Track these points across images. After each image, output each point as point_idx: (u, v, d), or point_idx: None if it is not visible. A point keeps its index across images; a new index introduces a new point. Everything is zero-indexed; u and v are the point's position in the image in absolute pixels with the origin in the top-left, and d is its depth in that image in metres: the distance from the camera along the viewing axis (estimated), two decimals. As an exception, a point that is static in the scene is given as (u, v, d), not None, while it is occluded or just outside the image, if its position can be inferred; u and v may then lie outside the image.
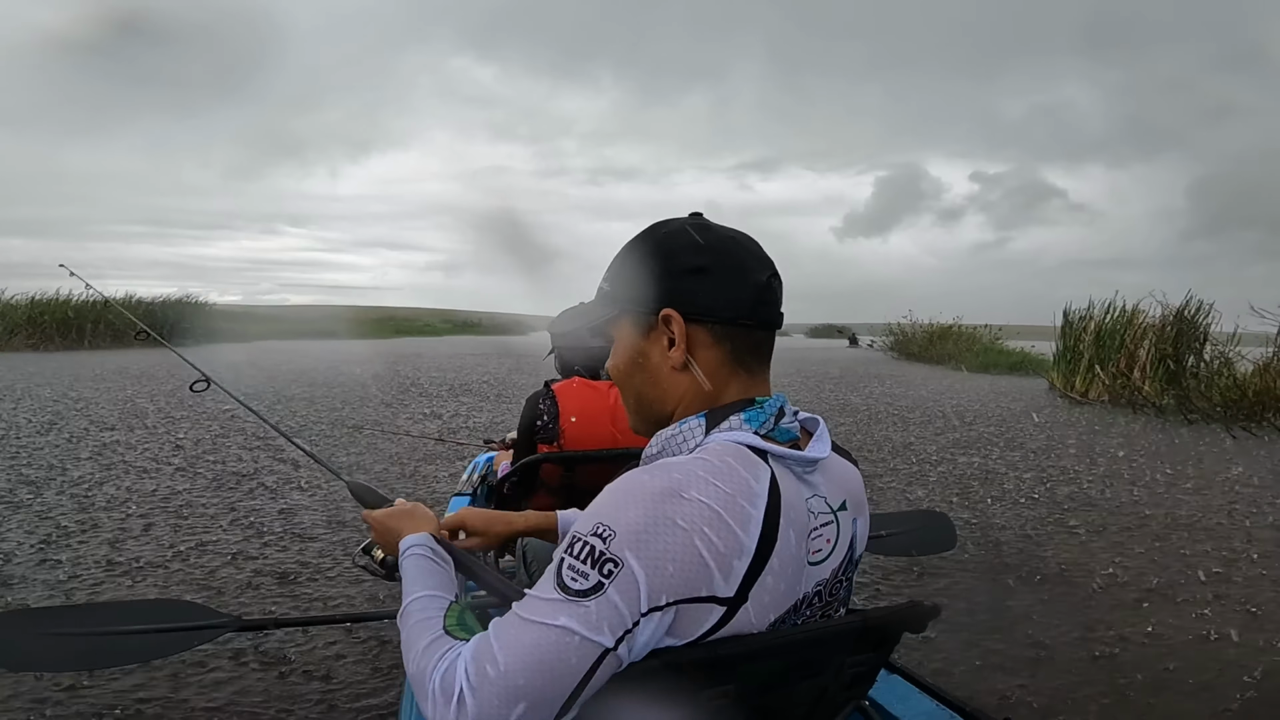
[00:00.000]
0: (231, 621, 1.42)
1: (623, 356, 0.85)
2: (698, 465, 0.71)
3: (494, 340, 29.32)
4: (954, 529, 1.69)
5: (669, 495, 0.68)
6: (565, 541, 0.70)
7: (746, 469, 0.72)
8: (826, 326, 58.10)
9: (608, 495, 0.72)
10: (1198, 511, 4.36)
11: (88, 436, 6.04)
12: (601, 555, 0.67)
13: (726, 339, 0.81)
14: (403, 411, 8.17)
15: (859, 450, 6.36)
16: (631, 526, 0.67)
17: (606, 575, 0.66)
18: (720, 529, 0.68)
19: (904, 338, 22.19)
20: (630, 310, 0.83)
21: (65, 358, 14.48)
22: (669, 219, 0.85)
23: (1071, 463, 5.88)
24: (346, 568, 3.22)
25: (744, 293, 0.81)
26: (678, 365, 0.80)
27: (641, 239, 0.84)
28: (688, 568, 0.67)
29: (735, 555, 0.69)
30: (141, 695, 2.11)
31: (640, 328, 0.82)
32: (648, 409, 0.84)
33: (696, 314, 0.80)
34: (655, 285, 0.80)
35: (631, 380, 0.85)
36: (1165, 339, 10.36)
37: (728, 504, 0.69)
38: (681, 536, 0.67)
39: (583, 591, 0.66)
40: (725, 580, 0.69)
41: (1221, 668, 2.44)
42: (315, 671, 2.29)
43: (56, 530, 3.61)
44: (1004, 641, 2.61)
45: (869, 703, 1.12)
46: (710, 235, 0.82)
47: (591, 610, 0.66)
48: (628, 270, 0.84)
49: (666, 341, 0.81)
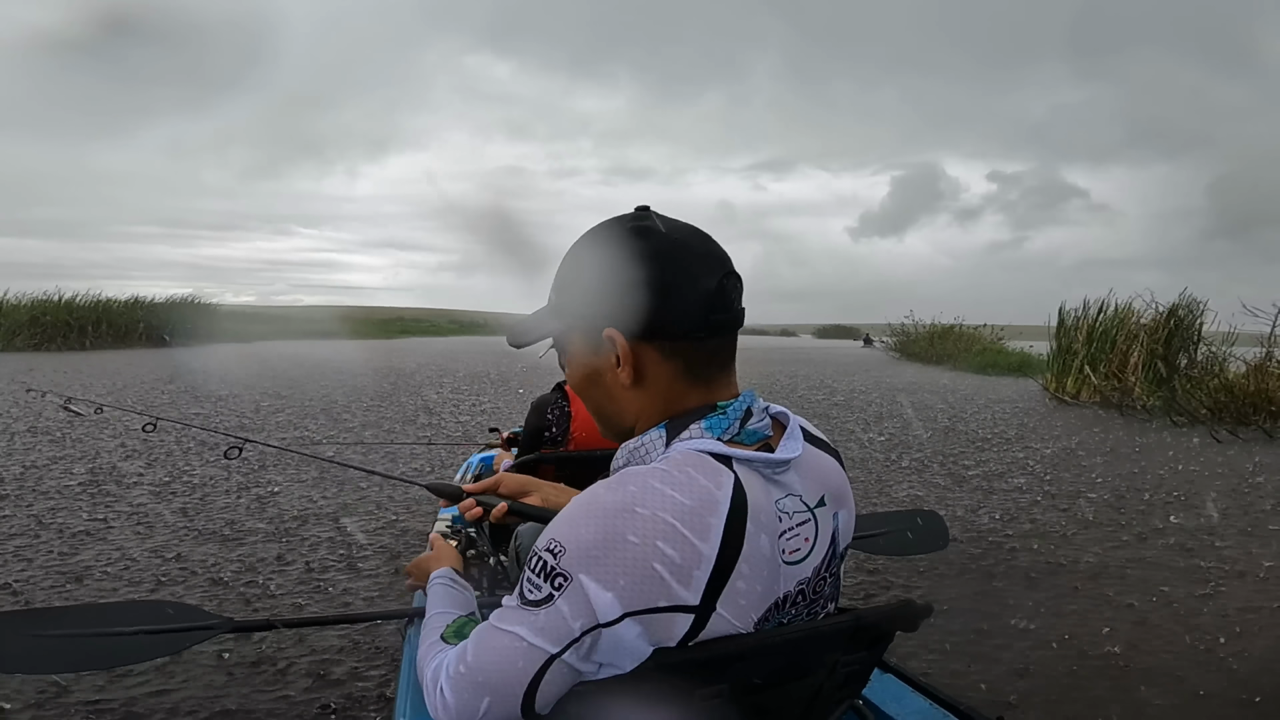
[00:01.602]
0: (224, 623, 1.41)
1: (577, 372, 0.84)
2: (655, 477, 0.71)
3: (489, 341, 29.28)
4: (946, 528, 1.69)
5: (622, 511, 0.69)
6: (529, 555, 0.73)
7: (708, 477, 0.72)
8: (835, 327, 57.02)
9: (567, 511, 0.73)
10: (1181, 513, 4.37)
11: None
12: (552, 570, 0.70)
13: (678, 354, 0.78)
14: (387, 412, 8.15)
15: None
16: (582, 543, 0.69)
17: (556, 588, 0.69)
18: (675, 540, 0.69)
19: (906, 338, 22.17)
20: (577, 326, 0.81)
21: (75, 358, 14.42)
22: (612, 219, 0.81)
23: (1046, 466, 5.87)
24: (345, 567, 3.21)
25: (692, 304, 0.76)
26: (628, 383, 0.78)
27: (583, 247, 0.81)
28: (641, 581, 0.68)
29: (694, 565, 0.69)
30: (132, 698, 2.10)
31: (589, 344, 0.80)
32: (609, 422, 0.84)
33: (641, 334, 0.76)
34: (597, 302, 0.77)
35: (589, 395, 0.84)
36: (1157, 339, 10.23)
37: (684, 515, 0.69)
38: (634, 551, 0.68)
39: (535, 602, 0.70)
40: (687, 589, 0.69)
41: (1211, 666, 2.45)
42: (310, 673, 2.29)
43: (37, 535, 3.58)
44: (997, 640, 2.62)
45: (863, 702, 1.13)
46: (654, 242, 0.76)
47: (540, 618, 0.70)
48: (570, 283, 0.82)
49: (615, 359, 0.78)
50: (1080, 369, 10.80)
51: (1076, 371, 10.89)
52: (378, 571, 3.22)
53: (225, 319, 21.72)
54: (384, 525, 3.89)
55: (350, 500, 4.39)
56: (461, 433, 6.94)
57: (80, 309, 17.54)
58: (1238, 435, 7.17)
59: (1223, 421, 7.65)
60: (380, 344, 24.34)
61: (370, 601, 2.91)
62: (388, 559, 3.37)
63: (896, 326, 23.09)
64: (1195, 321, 10.43)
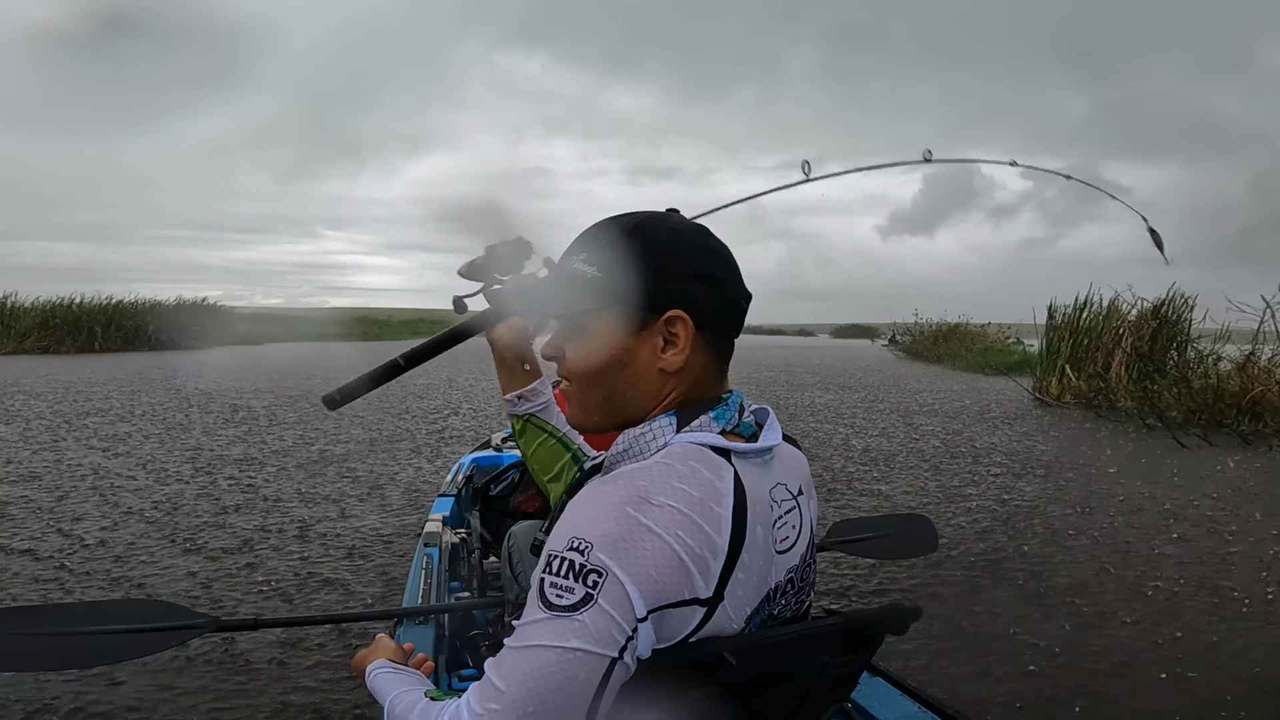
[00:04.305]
0: (210, 622, 1.40)
1: (599, 352, 0.79)
2: (661, 471, 0.71)
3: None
4: (935, 532, 1.70)
5: (638, 502, 0.68)
6: (542, 561, 0.68)
7: (710, 470, 0.72)
8: (853, 326, 54.45)
9: (574, 509, 0.70)
10: (1160, 518, 4.34)
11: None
12: (583, 568, 0.65)
13: (713, 347, 0.81)
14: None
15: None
16: (607, 535, 0.66)
17: (592, 586, 0.64)
18: (693, 531, 0.68)
19: (912, 338, 22.00)
20: (623, 304, 0.78)
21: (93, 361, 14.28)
22: (661, 213, 0.82)
23: (1017, 467, 5.82)
24: (338, 568, 3.20)
25: (739, 305, 0.82)
26: (672, 369, 0.78)
27: (644, 229, 0.79)
28: (669, 572, 0.67)
29: (711, 556, 0.69)
30: (115, 697, 2.08)
31: (630, 324, 0.78)
32: (620, 408, 0.81)
33: (703, 322, 0.78)
34: (666, 283, 0.77)
35: (606, 378, 0.80)
36: (1141, 338, 9.83)
37: (696, 506, 0.69)
38: (658, 541, 0.66)
39: (571, 606, 0.64)
40: (704, 581, 0.69)
41: (1198, 670, 2.48)
42: (297, 673, 2.27)
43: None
44: (985, 643, 2.64)
45: (851, 705, 1.13)
46: (717, 242, 0.82)
47: (586, 622, 0.64)
48: (626, 260, 0.78)
49: (661, 342, 0.78)
50: (1062, 369, 10.41)
51: (1060, 371, 10.48)
52: (365, 571, 3.21)
53: (235, 321, 21.60)
54: (378, 523, 3.88)
55: (338, 497, 4.37)
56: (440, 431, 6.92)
57: (90, 311, 17.47)
58: (1208, 440, 6.75)
59: (1195, 424, 7.27)
60: (379, 345, 24.09)
61: (360, 602, 2.89)
62: (375, 558, 3.35)
63: (902, 326, 23.01)
64: (1182, 319, 9.90)
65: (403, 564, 3.18)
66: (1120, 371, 9.81)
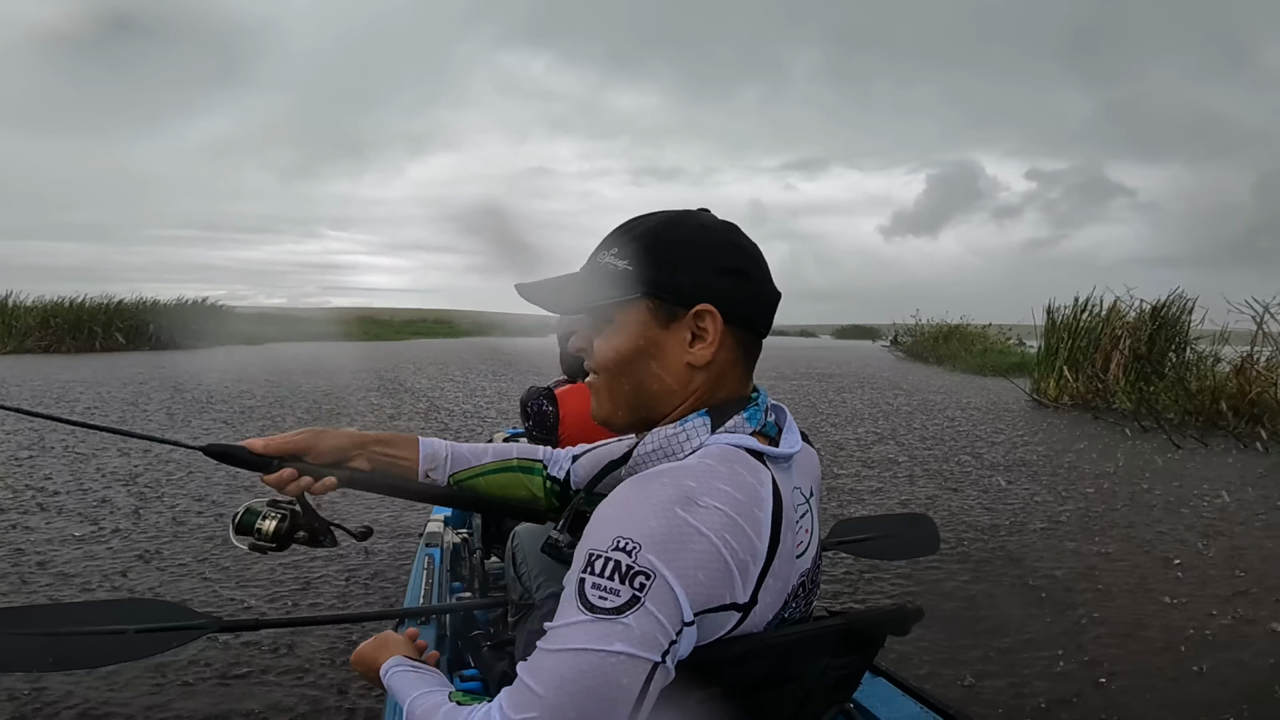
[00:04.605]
0: (212, 622, 1.40)
1: (628, 344, 0.79)
2: (706, 472, 0.70)
3: (490, 342, 29.06)
4: (938, 532, 1.69)
5: (685, 502, 0.66)
6: (581, 560, 0.66)
7: (750, 474, 0.72)
8: (855, 327, 54.89)
9: (616, 506, 0.68)
10: (1162, 516, 4.39)
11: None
12: (629, 569, 0.63)
13: (743, 345, 0.81)
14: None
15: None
16: (655, 536, 0.64)
17: (639, 588, 0.62)
18: (738, 534, 0.67)
19: (913, 339, 21.97)
20: (654, 296, 0.78)
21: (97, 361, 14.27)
22: (692, 210, 0.83)
23: (1013, 470, 5.85)
24: (338, 567, 3.20)
25: (768, 303, 0.82)
26: (700, 363, 0.78)
27: (674, 225, 0.79)
28: (715, 575, 0.66)
29: (752, 560, 0.68)
30: (116, 697, 2.08)
31: (660, 317, 0.78)
32: (645, 403, 0.80)
33: (732, 316, 0.78)
34: (695, 276, 0.77)
35: (633, 370, 0.79)
36: (1140, 339, 9.84)
37: (741, 510, 0.68)
38: (706, 543, 0.65)
39: (616, 609, 0.62)
40: (744, 586, 0.68)
41: (1198, 668, 2.48)
42: (299, 674, 2.27)
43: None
44: (988, 644, 2.64)
45: (853, 705, 1.13)
46: (746, 239, 0.82)
47: (632, 625, 0.62)
48: (655, 254, 0.78)
49: (689, 336, 0.78)
50: (1060, 371, 10.37)
51: (1058, 373, 10.44)
52: (367, 571, 3.21)
53: (237, 321, 21.59)
54: (379, 524, 3.87)
55: (339, 496, 4.37)
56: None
57: (91, 311, 17.46)
58: (1204, 442, 6.72)
59: (1192, 426, 7.26)
60: (381, 346, 24.02)
61: (362, 602, 2.89)
62: (377, 558, 3.35)
63: (903, 327, 22.95)
64: (1182, 320, 9.91)
65: (404, 564, 3.19)
66: (1118, 373, 9.82)
